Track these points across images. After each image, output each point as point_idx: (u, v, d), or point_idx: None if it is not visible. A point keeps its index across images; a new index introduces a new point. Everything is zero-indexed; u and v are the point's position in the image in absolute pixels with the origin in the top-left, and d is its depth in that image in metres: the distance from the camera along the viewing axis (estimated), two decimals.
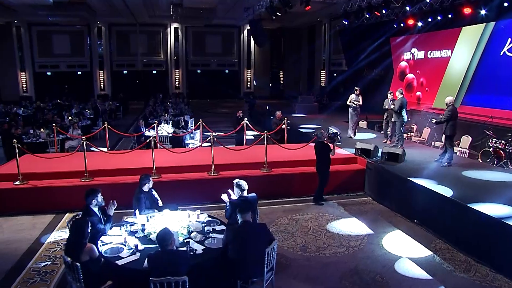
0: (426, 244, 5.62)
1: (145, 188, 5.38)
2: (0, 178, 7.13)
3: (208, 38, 28.04)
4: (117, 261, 3.96)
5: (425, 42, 13.47)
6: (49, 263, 5.13)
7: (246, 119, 10.08)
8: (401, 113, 8.69)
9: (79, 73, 26.41)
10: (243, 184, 4.87)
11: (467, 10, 10.71)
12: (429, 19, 12.36)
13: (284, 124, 9.69)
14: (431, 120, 8.06)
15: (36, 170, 7.35)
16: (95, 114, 15.19)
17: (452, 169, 7.48)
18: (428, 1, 11.46)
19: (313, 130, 12.05)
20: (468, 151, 9.35)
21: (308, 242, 5.66)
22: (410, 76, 14.39)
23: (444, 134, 7.81)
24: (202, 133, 10.70)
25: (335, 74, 22.94)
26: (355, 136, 10.46)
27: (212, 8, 22.01)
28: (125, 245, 4.24)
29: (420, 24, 12.95)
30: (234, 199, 4.84)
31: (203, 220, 4.90)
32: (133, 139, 11.30)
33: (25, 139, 10.67)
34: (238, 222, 4.12)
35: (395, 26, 13.97)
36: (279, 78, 30.79)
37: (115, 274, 3.86)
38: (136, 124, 11.46)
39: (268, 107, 15.70)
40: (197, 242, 4.34)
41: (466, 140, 10.03)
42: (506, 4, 9.62)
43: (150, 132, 10.54)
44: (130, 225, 4.74)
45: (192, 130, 10.78)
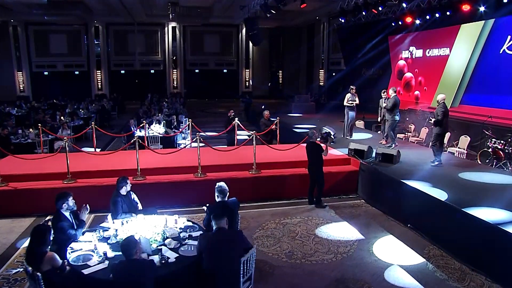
0: (419, 251, 5.34)
1: (123, 191, 5.14)
2: None
3: (206, 38, 27.83)
4: (84, 270, 3.72)
5: (424, 40, 13.18)
6: (21, 270, 4.87)
7: (239, 119, 9.82)
8: (393, 112, 8.45)
9: (77, 73, 26.25)
10: (226, 188, 4.61)
11: (466, 7, 10.41)
12: (427, 17, 12.07)
13: (274, 125, 9.40)
14: (429, 120, 7.81)
15: (18, 172, 7.12)
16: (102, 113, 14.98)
17: (448, 171, 7.20)
18: None
19: (308, 130, 11.80)
20: (466, 152, 9.06)
21: (295, 248, 5.39)
22: (408, 75, 14.10)
23: (434, 133, 7.57)
24: (193, 134, 10.44)
25: (334, 74, 22.66)
26: (352, 137, 10.17)
27: (209, 7, 21.82)
28: (95, 253, 3.99)
29: (418, 22, 12.66)
30: (212, 204, 4.57)
31: (181, 226, 4.65)
32: (124, 139, 11.05)
33: (13, 140, 10.48)
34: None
35: (393, 24, 13.69)
36: (278, 78, 30.54)
37: (79, 285, 3.61)
38: (127, 124, 11.21)
39: (264, 107, 15.43)
40: (171, 250, 4.09)
41: (465, 140, 9.74)
42: (506, 0, 9.32)
43: (141, 132, 10.30)
44: (104, 231, 4.49)
45: (181, 130, 10.51)
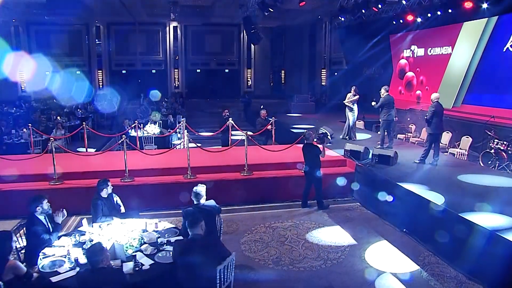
0: (414, 257, 5.09)
1: (103, 194, 4.96)
2: None
3: (208, 37, 27.64)
4: (53, 277, 3.53)
5: (425, 39, 12.87)
6: None
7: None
8: (384, 112, 8.26)
9: (78, 73, 26.18)
10: (201, 192, 4.39)
11: (468, 4, 10.10)
12: (429, 14, 11.77)
13: (270, 125, 9.17)
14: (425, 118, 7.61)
15: (3, 173, 6.96)
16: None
17: (447, 173, 6.93)
18: None
19: (304, 131, 11.55)
20: (467, 153, 8.77)
21: (283, 254, 5.16)
22: (410, 74, 13.80)
23: (427, 132, 7.37)
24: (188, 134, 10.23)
25: (336, 73, 22.37)
26: (356, 138, 9.80)
27: (209, 6, 21.64)
28: (67, 258, 3.80)
29: (420, 20, 12.37)
30: (188, 209, 4.36)
31: (161, 230, 4.44)
32: (118, 140, 10.88)
33: (6, 140, 10.36)
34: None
35: (394, 23, 13.40)
36: (281, 77, 30.28)
37: None
38: (121, 124, 11.05)
39: (263, 106, 15.19)
40: (147, 256, 3.89)
41: (466, 141, 9.44)
42: None
43: (136, 132, 10.12)
44: (80, 235, 4.30)
45: (174, 131, 10.32)
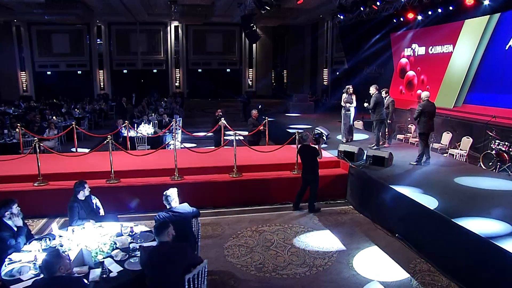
0: (404, 265, 4.83)
1: (80, 196, 4.79)
2: None
3: (209, 37, 27.51)
4: (14, 285, 3.35)
5: (426, 37, 12.56)
6: None
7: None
8: (376, 112, 8.05)
9: (79, 73, 26.20)
10: (171, 195, 4.19)
11: (469, 1, 9.80)
12: (429, 12, 11.47)
13: (263, 125, 8.94)
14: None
15: None
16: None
17: (444, 175, 6.66)
18: None
19: (302, 131, 11.32)
20: (466, 154, 8.47)
21: (267, 259, 4.94)
22: (411, 74, 13.49)
23: (418, 132, 7.18)
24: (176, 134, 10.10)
25: (338, 73, 22.08)
26: (353, 139, 9.50)
27: (210, 6, 21.45)
28: (33, 264, 3.62)
29: (420, 18, 12.07)
30: (160, 213, 4.16)
31: (135, 234, 4.24)
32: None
33: None
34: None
35: (395, 21, 13.10)
36: (283, 77, 30.03)
37: None
38: (114, 124, 10.91)
39: (261, 106, 15.01)
40: (117, 262, 3.69)
41: (467, 142, 9.14)
42: None
43: (131, 132, 9.98)
44: (50, 239, 4.11)
45: (166, 131, 10.15)
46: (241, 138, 8.78)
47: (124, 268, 3.60)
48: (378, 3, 11.06)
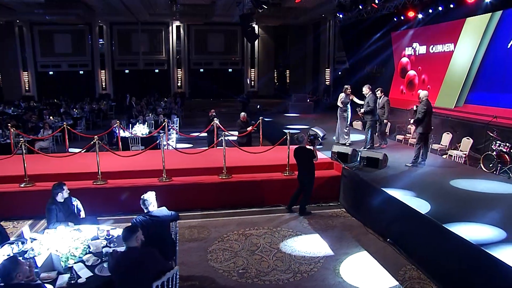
0: (394, 272, 4.63)
1: (59, 198, 4.66)
2: None
3: (211, 37, 27.42)
4: None
5: (427, 36, 12.29)
6: None
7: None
8: (374, 111, 7.88)
9: (81, 73, 26.24)
10: (148, 198, 4.04)
11: None
12: (430, 10, 11.22)
13: (256, 126, 8.76)
14: (409, 119, 7.24)
15: None
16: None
17: (440, 177, 6.44)
18: None
19: (299, 131, 11.13)
20: (465, 156, 8.22)
21: (251, 265, 4.77)
22: (412, 73, 13.22)
23: (418, 132, 6.97)
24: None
25: (340, 72, 21.83)
26: (348, 142, 9.02)
27: (210, 5, 21.32)
28: None
29: (421, 16, 11.80)
30: (137, 217, 4.01)
31: (113, 237, 4.10)
32: (105, 140, 10.65)
33: None
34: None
35: (395, 19, 12.85)
36: (286, 77, 29.82)
37: None
38: (109, 125, 10.82)
39: (259, 107, 14.84)
40: (88, 267, 3.55)
41: (467, 143, 8.86)
42: None
43: (119, 133, 9.87)
44: (22, 243, 3.98)
45: (158, 131, 10.01)
46: (233, 139, 8.63)
47: (94, 274, 3.46)
48: (377, 1, 10.81)
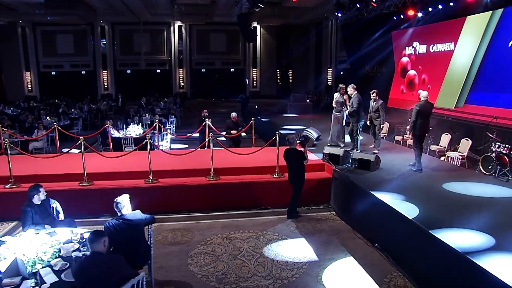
0: (379, 279, 4.45)
1: (36, 201, 4.56)
2: None
3: (212, 37, 27.32)
4: None
5: (427, 35, 12.03)
6: None
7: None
8: (359, 112, 7.71)
9: (83, 73, 26.31)
10: (122, 201, 3.91)
11: None
12: (430, 9, 10.97)
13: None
14: (408, 121, 6.99)
15: None
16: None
17: (432, 180, 6.24)
18: None
19: (294, 132, 10.97)
20: (462, 157, 7.99)
21: (231, 270, 4.62)
22: (412, 73, 12.96)
23: (413, 134, 6.74)
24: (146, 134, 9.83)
25: (342, 72, 21.61)
26: (343, 145, 8.74)
27: (210, 4, 21.23)
28: None
29: (421, 15, 11.56)
30: (109, 221, 3.89)
31: (86, 241, 3.97)
32: (99, 141, 10.59)
33: None
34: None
35: (395, 18, 12.61)
36: (288, 77, 29.63)
37: None
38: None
39: (258, 107, 14.69)
40: (55, 272, 3.43)
41: (466, 144, 8.62)
42: None
43: (110, 134, 9.79)
44: None
45: (149, 131, 9.91)
46: (223, 139, 8.49)
47: (60, 279, 3.34)
48: (376, 0, 10.59)
